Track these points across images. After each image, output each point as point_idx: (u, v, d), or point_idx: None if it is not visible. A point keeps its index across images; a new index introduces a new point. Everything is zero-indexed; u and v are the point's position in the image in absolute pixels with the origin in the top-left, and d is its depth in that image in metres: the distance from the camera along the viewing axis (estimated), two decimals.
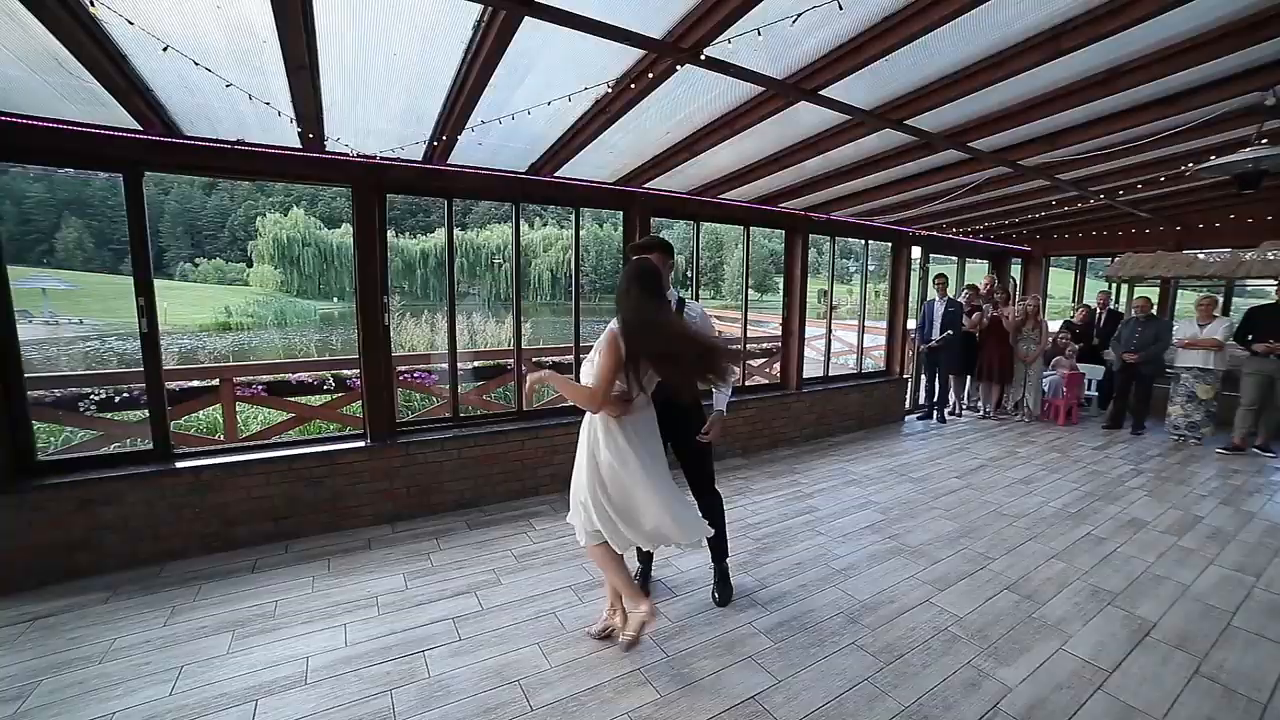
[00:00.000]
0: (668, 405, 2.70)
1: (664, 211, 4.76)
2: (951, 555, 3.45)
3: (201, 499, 3.35)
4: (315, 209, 44.98)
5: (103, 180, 31.05)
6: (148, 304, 3.31)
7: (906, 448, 5.87)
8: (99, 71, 2.42)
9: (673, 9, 2.31)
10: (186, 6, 2.14)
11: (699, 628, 2.71)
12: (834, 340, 8.30)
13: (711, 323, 2.77)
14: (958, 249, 7.63)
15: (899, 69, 2.82)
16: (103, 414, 4.84)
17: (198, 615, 2.75)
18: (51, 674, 2.33)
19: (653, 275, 2.32)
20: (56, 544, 3.02)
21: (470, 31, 2.39)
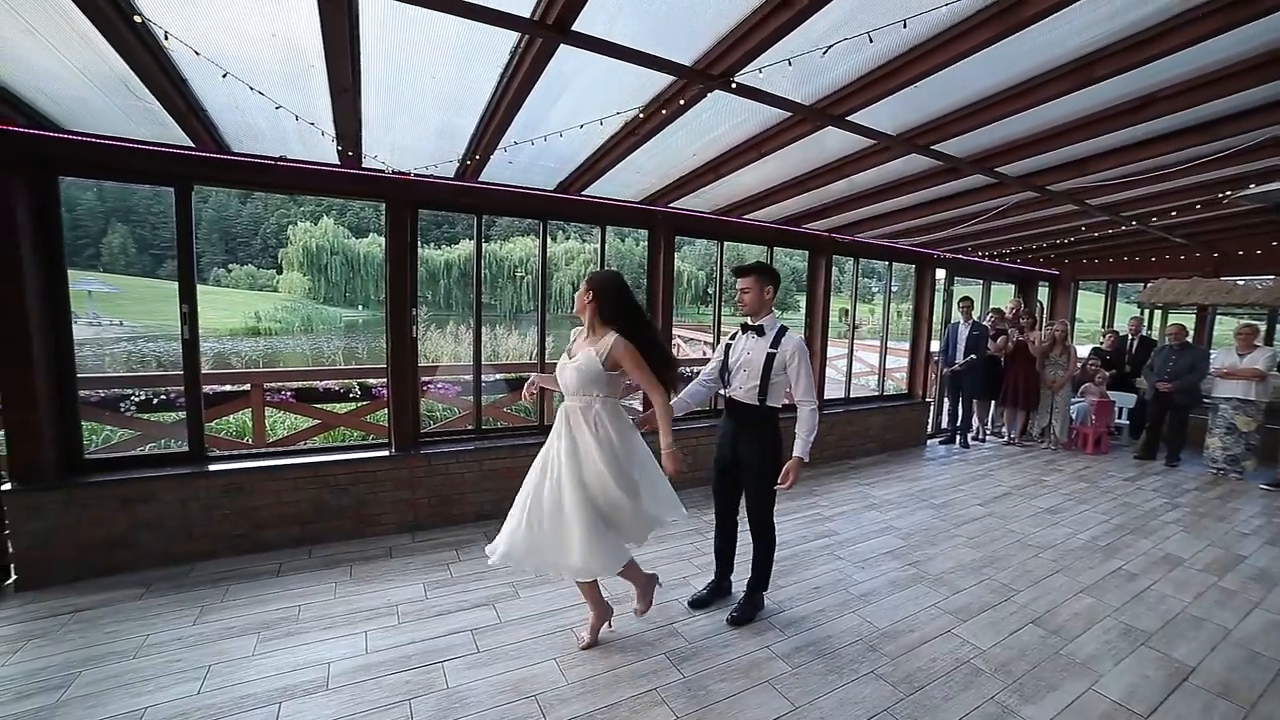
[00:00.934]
0: (735, 438, 2.94)
1: (689, 231, 4.81)
2: (974, 585, 3.38)
3: (232, 501, 3.45)
4: (344, 218, 46.11)
5: (146, 189, 32.24)
6: (191, 311, 3.45)
7: (928, 472, 5.77)
8: (161, 94, 2.57)
9: (703, 37, 2.36)
10: (245, 33, 2.26)
11: (715, 649, 2.69)
12: (855, 361, 8.26)
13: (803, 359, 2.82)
14: (983, 272, 7.54)
15: (927, 95, 2.84)
16: (141, 414, 5.03)
17: (226, 616, 2.82)
18: (91, 666, 2.41)
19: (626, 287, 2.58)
20: (99, 540, 3.14)
21: (507, 55, 2.48)
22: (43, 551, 3.03)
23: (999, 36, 2.25)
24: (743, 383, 2.88)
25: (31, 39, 2.23)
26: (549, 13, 2.10)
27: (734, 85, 2.52)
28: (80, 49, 2.28)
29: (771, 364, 2.79)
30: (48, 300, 3.07)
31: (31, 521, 3.00)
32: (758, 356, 2.82)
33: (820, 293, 5.71)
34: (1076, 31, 2.36)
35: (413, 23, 2.20)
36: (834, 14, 2.14)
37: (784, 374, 2.82)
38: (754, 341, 2.87)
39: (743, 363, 2.89)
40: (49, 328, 3.08)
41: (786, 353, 2.79)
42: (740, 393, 2.90)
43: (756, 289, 2.83)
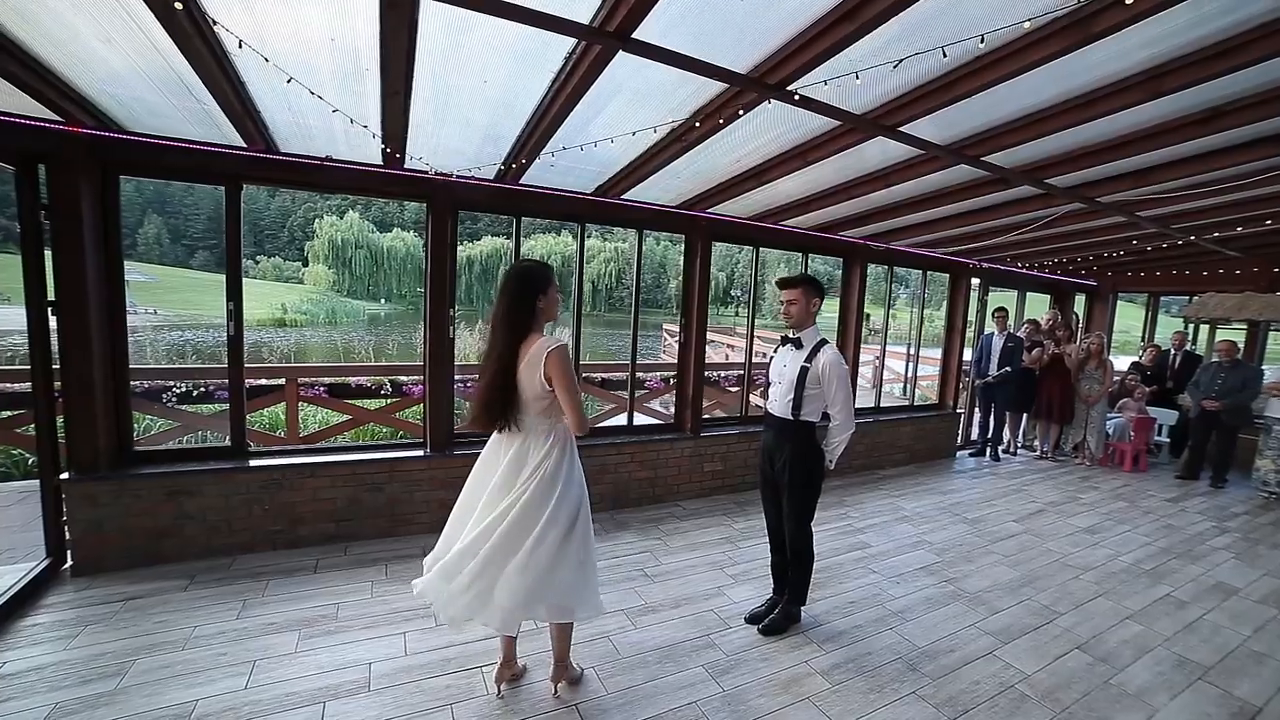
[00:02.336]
0: (772, 451, 2.93)
1: (725, 236, 4.78)
2: (1014, 605, 3.30)
3: (271, 497, 3.51)
4: (369, 213, 46.81)
5: (180, 184, 33.18)
6: (236, 308, 3.51)
7: (959, 485, 5.67)
8: (222, 97, 2.61)
9: (760, 47, 2.34)
10: (304, 37, 2.29)
11: (753, 663, 2.67)
12: (876, 368, 8.12)
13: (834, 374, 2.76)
14: (1018, 281, 7.37)
15: (983, 106, 2.78)
16: (180, 406, 5.15)
17: (267, 611, 2.87)
18: (144, 655, 2.47)
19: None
20: (147, 529, 3.22)
21: (561, 61, 2.47)
22: (96, 539, 3.12)
23: (1067, 50, 2.19)
24: (779, 395, 2.86)
25: (108, 47, 2.28)
26: (609, 20, 2.09)
27: (797, 97, 2.49)
28: (150, 54, 2.33)
29: (805, 377, 2.75)
30: (106, 294, 3.16)
31: (87, 510, 3.09)
32: (792, 369, 2.80)
33: (854, 302, 5.63)
34: (1146, 44, 2.29)
35: (470, 27, 2.21)
36: (899, 26, 2.10)
37: (818, 388, 2.77)
38: (792, 354, 2.84)
39: (780, 375, 2.88)
40: (107, 321, 3.17)
41: (819, 367, 2.74)
42: (776, 406, 2.88)
43: (803, 301, 2.81)
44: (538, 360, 2.07)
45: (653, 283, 48.05)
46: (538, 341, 2.11)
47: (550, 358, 2.06)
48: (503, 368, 2.10)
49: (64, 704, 2.18)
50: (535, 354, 2.08)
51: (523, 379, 2.11)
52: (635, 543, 3.85)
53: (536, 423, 2.17)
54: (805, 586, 2.99)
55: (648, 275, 45.53)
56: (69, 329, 3.02)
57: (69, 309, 3.00)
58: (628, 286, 43.81)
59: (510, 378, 2.11)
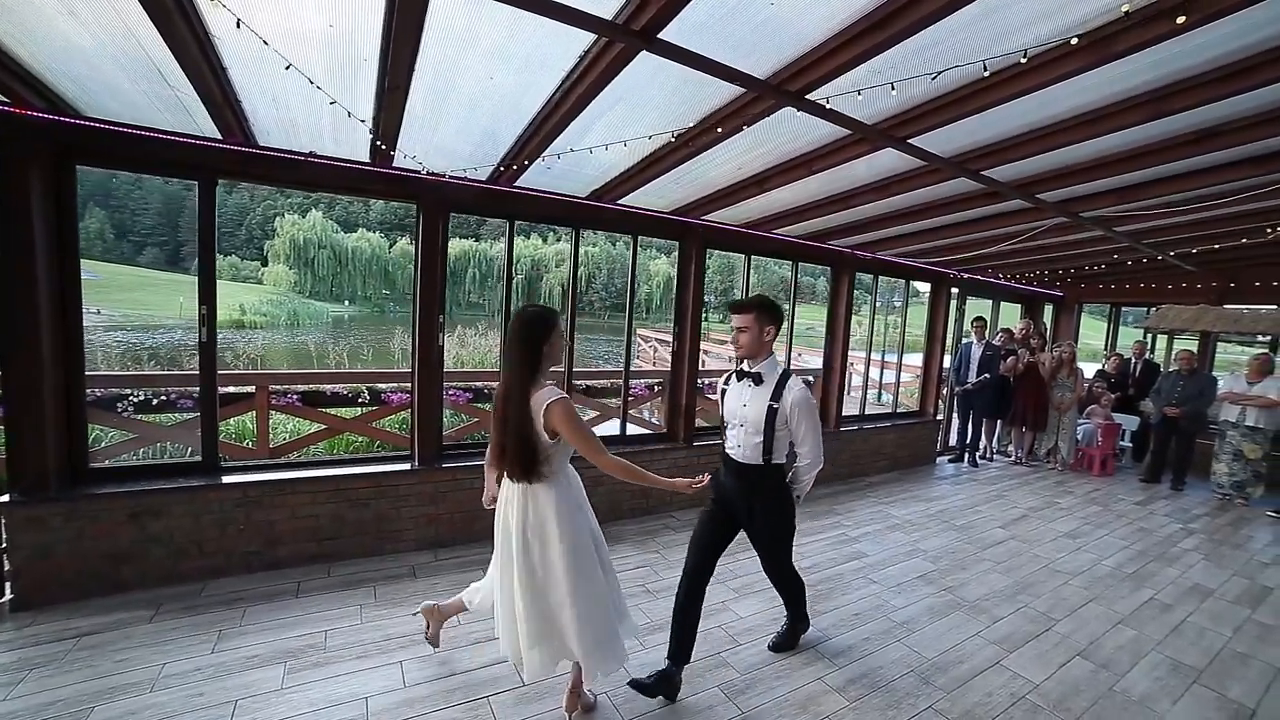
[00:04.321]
0: (735, 498, 2.63)
1: (718, 244, 4.74)
2: (1012, 613, 3.34)
3: (246, 515, 3.27)
4: (333, 212, 45.34)
5: (126, 175, 31.54)
6: (210, 312, 3.28)
7: (943, 492, 5.76)
8: (201, 83, 2.41)
9: (782, 53, 2.28)
10: (297, 24, 2.12)
11: (768, 681, 2.60)
12: (853, 375, 8.24)
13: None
14: (994, 291, 7.60)
15: (991, 120, 2.80)
16: (138, 416, 4.78)
17: (247, 642, 2.64)
18: (104, 700, 2.23)
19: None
20: (104, 555, 2.94)
21: (575, 60, 2.37)
22: (43, 567, 2.82)
23: (1086, 68, 2.21)
24: (741, 440, 2.49)
25: (70, 20, 2.06)
26: (635, 18, 2.00)
27: (819, 104, 2.45)
28: (119, 31, 2.11)
29: (774, 419, 2.39)
30: (58, 294, 2.88)
31: (32, 535, 2.79)
32: (757, 410, 2.41)
33: (842, 311, 5.68)
34: (1156, 64, 2.33)
35: (484, 18, 2.08)
36: (930, 35, 2.08)
37: (787, 428, 2.44)
38: (751, 391, 2.45)
39: (740, 417, 2.49)
40: (59, 324, 2.88)
41: (788, 407, 2.38)
42: (741, 451, 2.50)
43: (755, 329, 2.41)
44: (537, 412, 2.03)
45: (623, 287, 47.86)
46: (537, 393, 2.05)
47: (551, 411, 2.01)
48: (523, 417, 2.04)
49: None
50: (534, 406, 2.03)
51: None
52: (633, 557, 3.74)
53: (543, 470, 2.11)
54: (805, 610, 2.89)
55: (619, 280, 45.43)
56: (15, 334, 2.73)
57: (16, 311, 2.72)
58: (597, 290, 43.73)
59: (531, 428, 2.04)
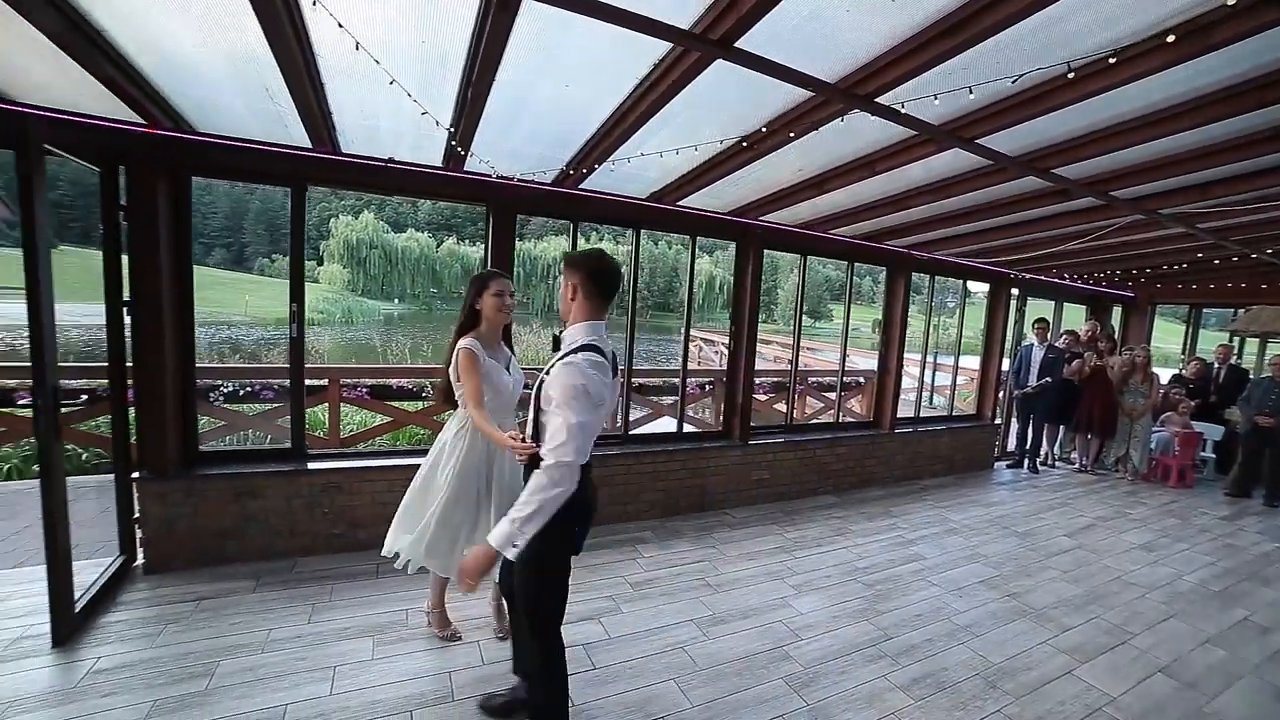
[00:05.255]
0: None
1: (775, 244, 4.76)
2: (1083, 623, 3.25)
3: (330, 500, 3.51)
4: (383, 213, 47.15)
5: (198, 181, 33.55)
6: (300, 309, 3.52)
7: (1002, 498, 5.61)
8: (301, 98, 2.61)
9: (856, 55, 2.32)
10: (397, 40, 2.28)
11: (831, 676, 2.64)
12: (905, 377, 8.04)
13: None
14: (1057, 292, 7.30)
15: (1063, 118, 2.74)
16: (227, 405, 5.18)
17: (337, 615, 2.86)
18: (226, 656, 2.47)
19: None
20: (213, 530, 3.23)
21: (648, 68, 2.46)
22: (167, 538, 3.13)
23: (1176, 61, 2.16)
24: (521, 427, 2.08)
25: (200, 50, 2.30)
26: (714, 28, 2.08)
27: (890, 108, 2.47)
28: (239, 56, 2.34)
29: (539, 395, 1.81)
30: (177, 295, 3.17)
31: (158, 509, 3.10)
32: (534, 384, 1.88)
33: (898, 312, 5.58)
34: (1258, 52, 2.25)
35: (566, 29, 2.18)
36: (1008, 35, 2.08)
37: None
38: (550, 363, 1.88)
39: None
40: (178, 322, 3.18)
41: (548, 383, 1.76)
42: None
43: (564, 286, 1.92)
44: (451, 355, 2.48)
45: (665, 286, 48.09)
46: (460, 340, 2.46)
47: (456, 355, 2.44)
48: (448, 358, 2.51)
49: (161, 702, 2.19)
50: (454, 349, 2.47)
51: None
52: (691, 552, 3.82)
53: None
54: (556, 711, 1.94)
55: (660, 280, 45.51)
56: (144, 329, 3.04)
57: (145, 310, 3.02)
58: (640, 290, 43.74)
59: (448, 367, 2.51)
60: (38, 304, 2.21)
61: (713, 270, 43.73)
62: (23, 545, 3.39)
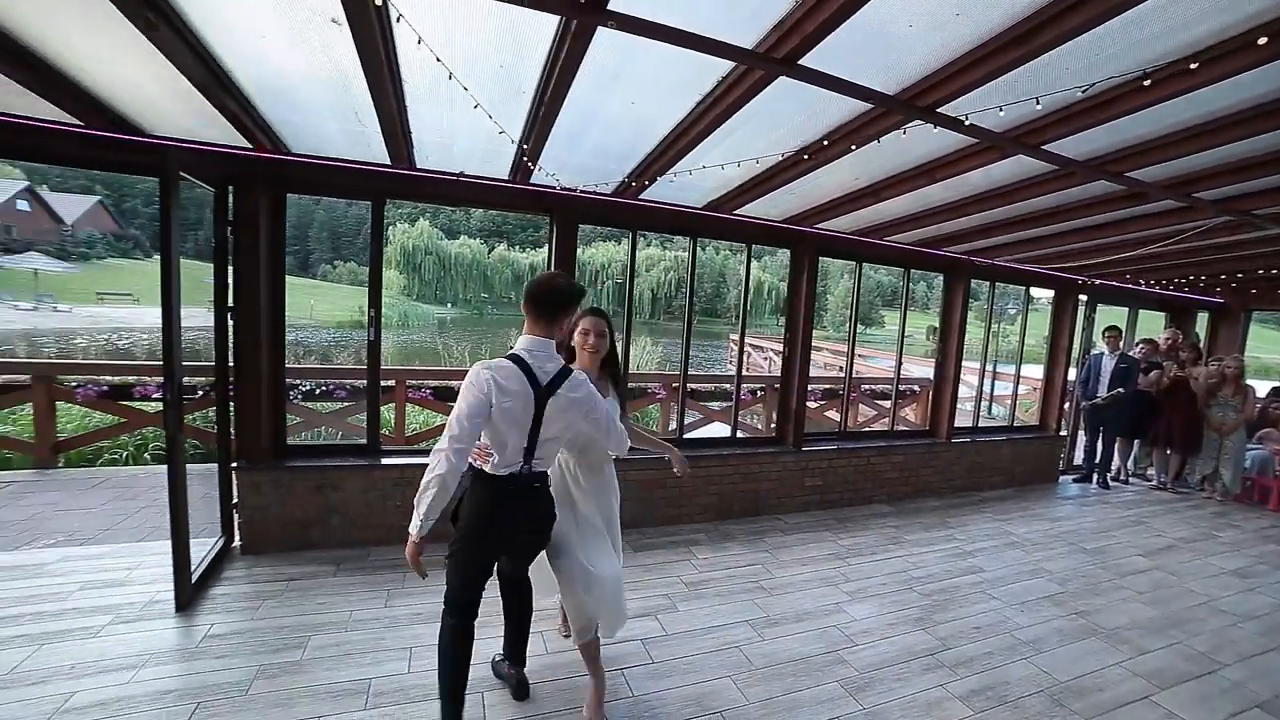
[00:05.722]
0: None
1: (829, 251, 4.75)
2: (1163, 648, 3.10)
3: (402, 494, 3.75)
4: (437, 221, 49.01)
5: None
6: (377, 313, 3.79)
7: (1068, 512, 5.37)
8: (386, 118, 2.83)
9: (918, 67, 2.34)
10: (480, 66, 2.45)
11: (887, 682, 2.64)
12: (963, 386, 7.78)
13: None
14: (1131, 298, 6.92)
15: (1139, 121, 2.66)
16: (305, 403, 5.58)
17: (412, 601, 3.06)
18: (316, 632, 2.71)
19: None
20: (298, 519, 3.51)
21: (712, 84, 2.56)
22: (260, 523, 3.43)
23: (1262, 62, 2.09)
24: None
25: (306, 81, 2.55)
26: (777, 48, 2.15)
27: (953, 118, 2.49)
28: (339, 88, 2.58)
29: None
30: (272, 300, 3.48)
31: (253, 496, 3.41)
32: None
33: (957, 319, 5.46)
34: None
35: (634, 52, 2.28)
36: (1079, 43, 2.06)
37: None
38: None
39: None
40: (273, 325, 3.49)
41: None
42: None
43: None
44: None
45: (712, 292, 47.88)
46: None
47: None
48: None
49: (265, 667, 2.43)
50: None
51: None
52: (744, 555, 3.87)
53: None
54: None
55: (706, 285, 45.39)
56: (244, 332, 3.35)
57: (246, 313, 3.34)
58: (685, 295, 43.87)
59: None
60: (170, 310, 2.50)
61: (760, 275, 43.28)
62: (145, 522, 3.78)
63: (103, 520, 3.80)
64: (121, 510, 3.98)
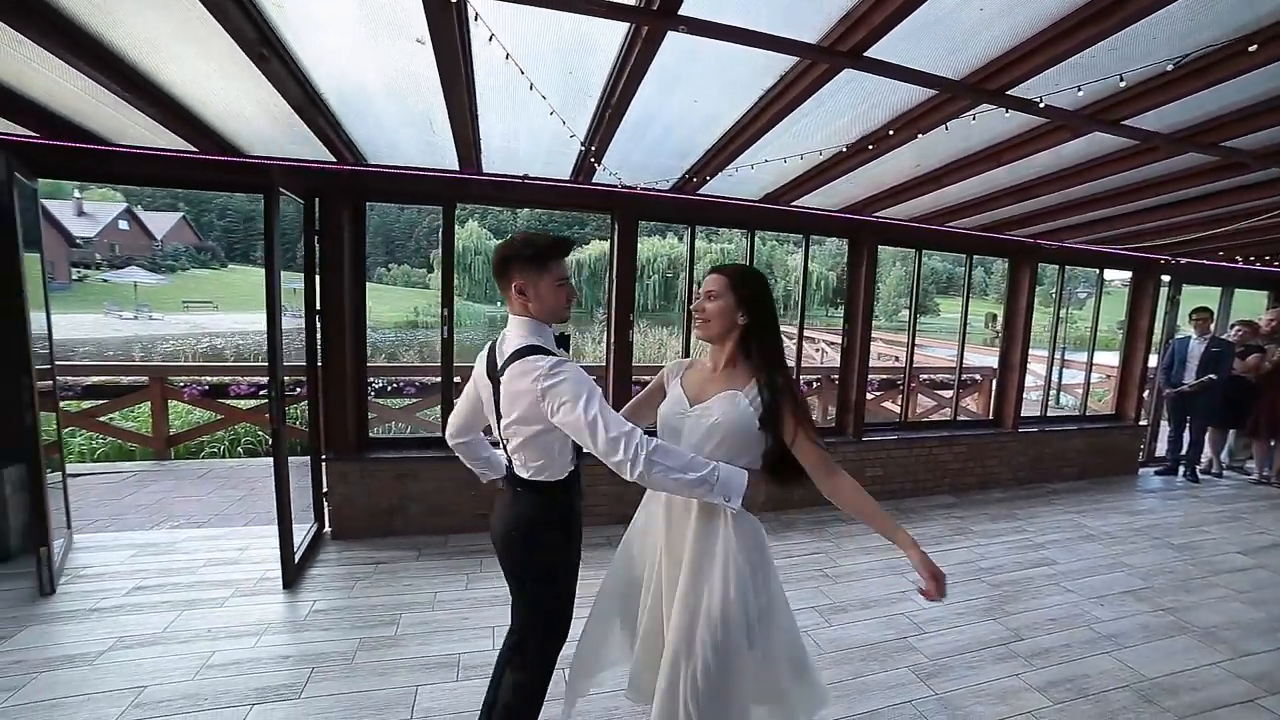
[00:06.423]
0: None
1: (890, 240, 4.69)
2: (1269, 651, 2.92)
3: (476, 483, 3.92)
4: (485, 221, 50.26)
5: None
6: (450, 314, 4.01)
7: (1151, 506, 5.10)
8: (459, 127, 2.99)
9: (987, 50, 2.30)
10: (550, 71, 2.56)
11: (958, 670, 2.63)
12: (1028, 375, 7.44)
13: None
14: (1222, 277, 6.45)
15: (1234, 89, 2.52)
16: (377, 399, 5.94)
17: (490, 585, 3.24)
18: (406, 610, 2.93)
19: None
20: (382, 507, 3.78)
21: (773, 81, 2.59)
22: (348, 510, 3.71)
23: None
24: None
25: (387, 98, 2.74)
26: (843, 40, 2.17)
27: (1024, 99, 2.45)
28: (416, 106, 2.76)
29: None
30: (354, 304, 3.75)
31: (341, 486, 3.69)
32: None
33: (1022, 305, 5.25)
34: None
35: (698, 52, 2.31)
36: (1163, 14, 1.99)
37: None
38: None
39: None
40: (355, 326, 3.76)
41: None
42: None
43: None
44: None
45: None
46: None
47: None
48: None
49: (365, 640, 2.67)
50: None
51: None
52: (806, 543, 3.89)
53: None
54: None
55: None
56: (330, 334, 3.62)
57: (331, 315, 3.61)
58: None
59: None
60: (273, 315, 2.75)
61: (808, 265, 42.07)
62: (246, 509, 4.16)
63: (213, 506, 4.20)
64: (226, 498, 4.39)
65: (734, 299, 1.58)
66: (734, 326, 1.59)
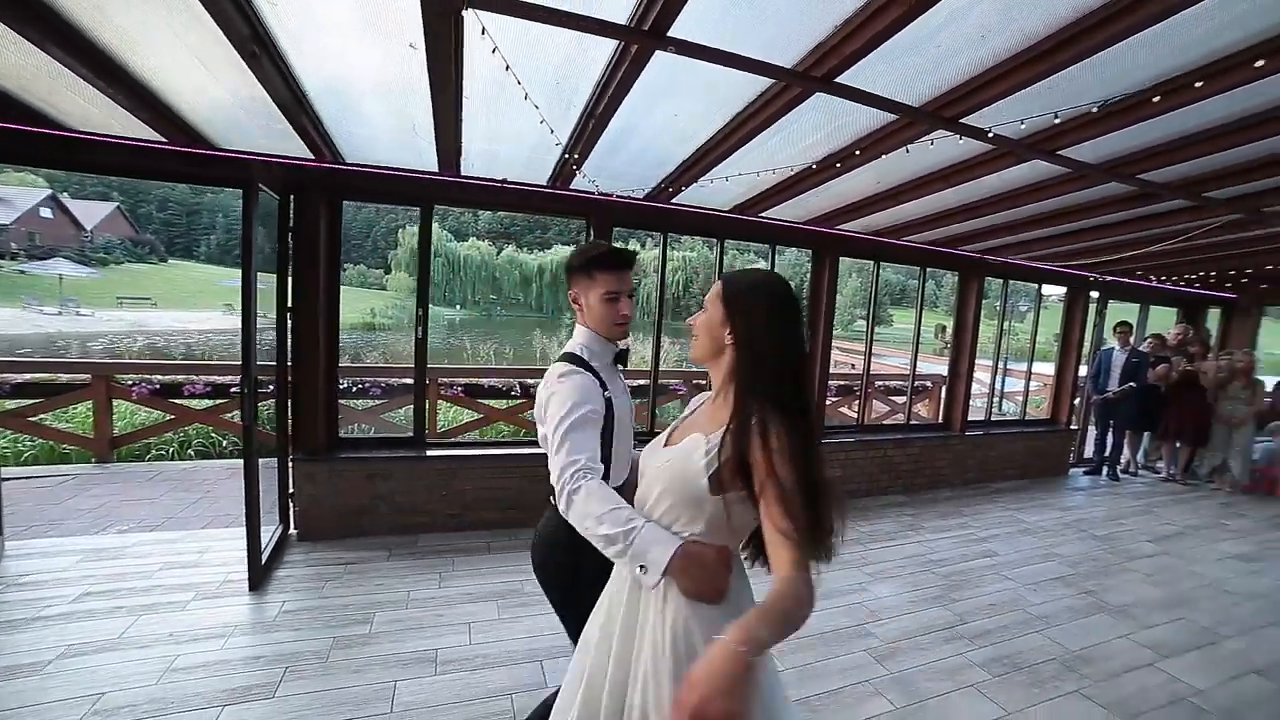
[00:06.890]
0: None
1: (851, 252, 4.94)
2: (1167, 623, 3.29)
3: (446, 484, 3.96)
4: (446, 223, 49.32)
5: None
6: (424, 315, 4.01)
7: (1079, 502, 5.55)
8: (445, 132, 3.04)
9: (944, 80, 2.52)
10: (536, 81, 2.65)
11: (910, 652, 2.84)
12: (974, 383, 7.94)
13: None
14: (1142, 294, 7.07)
15: (1153, 127, 2.84)
16: (342, 401, 5.80)
17: (462, 582, 3.27)
18: (379, 609, 2.93)
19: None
20: (351, 507, 3.73)
21: (752, 98, 2.74)
22: (316, 511, 3.65)
23: (1266, 74, 2.26)
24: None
25: (373, 98, 2.76)
26: (816, 67, 2.35)
27: (975, 128, 2.67)
28: (402, 101, 2.78)
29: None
30: (328, 304, 3.71)
31: (309, 486, 3.63)
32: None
33: (970, 317, 5.64)
34: None
35: (686, 71, 2.46)
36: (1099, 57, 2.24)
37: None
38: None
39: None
40: (328, 327, 3.72)
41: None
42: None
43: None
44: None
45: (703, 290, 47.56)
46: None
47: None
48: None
49: (339, 638, 2.66)
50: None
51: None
52: None
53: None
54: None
55: (700, 285, 45.47)
56: (303, 333, 3.57)
57: (304, 314, 3.56)
58: (694, 295, 44.10)
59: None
60: (248, 312, 2.72)
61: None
62: (203, 512, 4.03)
63: (165, 509, 4.04)
64: (180, 500, 4.23)
65: (722, 312, 1.24)
66: (722, 348, 1.24)
